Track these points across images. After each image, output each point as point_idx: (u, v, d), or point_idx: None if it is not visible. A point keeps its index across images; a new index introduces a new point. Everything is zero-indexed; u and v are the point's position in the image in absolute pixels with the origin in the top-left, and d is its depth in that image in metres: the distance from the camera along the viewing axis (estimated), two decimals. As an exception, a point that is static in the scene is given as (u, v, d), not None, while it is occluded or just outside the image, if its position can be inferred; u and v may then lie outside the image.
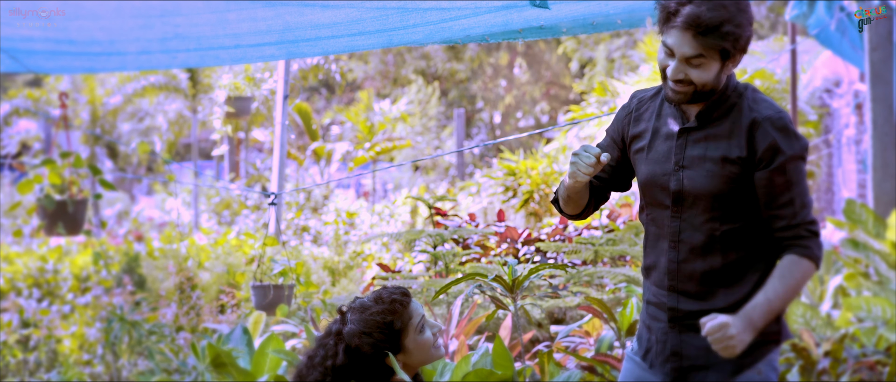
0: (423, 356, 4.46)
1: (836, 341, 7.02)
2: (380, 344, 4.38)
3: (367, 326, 4.40)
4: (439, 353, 4.49)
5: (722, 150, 4.17)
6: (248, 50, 7.28)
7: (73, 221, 9.69)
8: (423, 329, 4.45)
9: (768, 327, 4.19)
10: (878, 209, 9.49)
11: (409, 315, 4.44)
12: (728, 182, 4.16)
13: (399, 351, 4.42)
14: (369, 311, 4.43)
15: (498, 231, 8.99)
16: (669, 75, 4.13)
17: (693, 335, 4.25)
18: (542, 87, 35.97)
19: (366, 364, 4.40)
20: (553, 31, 7.00)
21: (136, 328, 9.48)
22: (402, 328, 4.42)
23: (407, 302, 4.46)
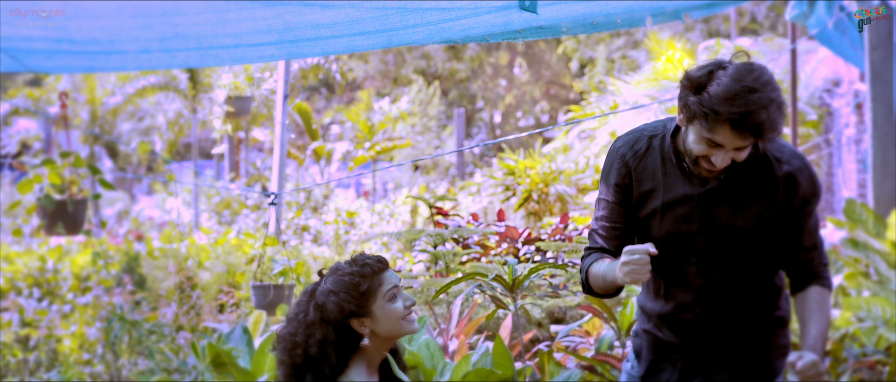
0: (390, 325, 4.44)
1: (837, 340, 7.02)
2: (345, 304, 4.40)
3: (336, 285, 4.44)
4: (411, 327, 4.47)
5: (756, 207, 4.26)
6: (247, 50, 7.28)
7: (73, 221, 9.69)
8: (394, 299, 4.45)
9: (781, 341, 4.46)
10: (879, 209, 9.49)
11: (380, 282, 4.45)
12: (758, 236, 4.29)
13: (365, 315, 4.43)
14: (341, 272, 4.47)
15: (498, 231, 8.99)
16: (717, 164, 4.13)
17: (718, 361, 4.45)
18: (543, 86, 35.97)
19: (332, 323, 4.43)
20: (553, 31, 7.00)
21: (137, 328, 9.47)
22: (370, 293, 4.42)
23: (379, 268, 4.48)
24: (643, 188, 4.39)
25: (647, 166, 4.38)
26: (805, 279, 4.30)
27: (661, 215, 4.34)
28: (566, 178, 16.30)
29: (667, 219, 4.33)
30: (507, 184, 16.39)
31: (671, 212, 4.32)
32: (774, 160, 4.23)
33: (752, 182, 4.23)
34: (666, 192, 4.33)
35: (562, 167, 16.54)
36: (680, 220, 4.31)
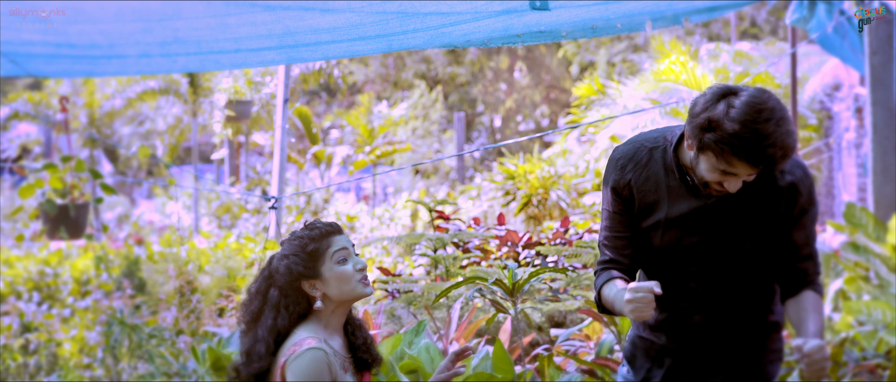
0: (342, 286, 4.47)
1: (837, 344, 7.02)
2: (293, 266, 4.46)
3: (287, 249, 4.52)
4: (363, 290, 4.50)
5: (756, 216, 4.27)
6: (248, 54, 7.29)
7: (75, 225, 9.70)
8: (344, 261, 4.48)
9: (776, 345, 4.48)
10: (879, 213, 9.49)
11: (329, 244, 4.50)
12: (758, 245, 4.30)
13: (315, 277, 4.47)
14: (293, 236, 4.54)
15: (498, 235, 8.99)
16: (731, 190, 4.13)
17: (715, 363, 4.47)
18: (543, 90, 35.96)
19: (285, 287, 4.49)
20: (553, 35, 7.01)
21: (137, 332, 9.47)
22: (318, 254, 4.47)
23: (328, 231, 4.53)
24: (646, 200, 4.38)
25: (650, 178, 4.37)
26: (799, 286, 4.30)
27: (663, 227, 4.34)
28: (566, 182, 16.30)
29: (669, 231, 4.33)
30: (507, 188, 16.39)
31: (674, 224, 4.32)
32: (777, 171, 4.23)
33: (756, 193, 4.23)
34: (670, 205, 4.33)
35: (561, 171, 16.54)
36: (682, 232, 4.31)
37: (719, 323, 4.39)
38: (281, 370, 4.40)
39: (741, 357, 4.42)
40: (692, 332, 4.41)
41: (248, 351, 4.51)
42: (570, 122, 20.24)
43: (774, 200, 4.24)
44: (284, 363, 4.39)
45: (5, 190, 25.42)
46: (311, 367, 4.38)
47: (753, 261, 4.31)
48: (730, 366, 4.42)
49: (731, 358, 4.42)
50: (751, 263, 4.31)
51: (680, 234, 4.32)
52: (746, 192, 4.21)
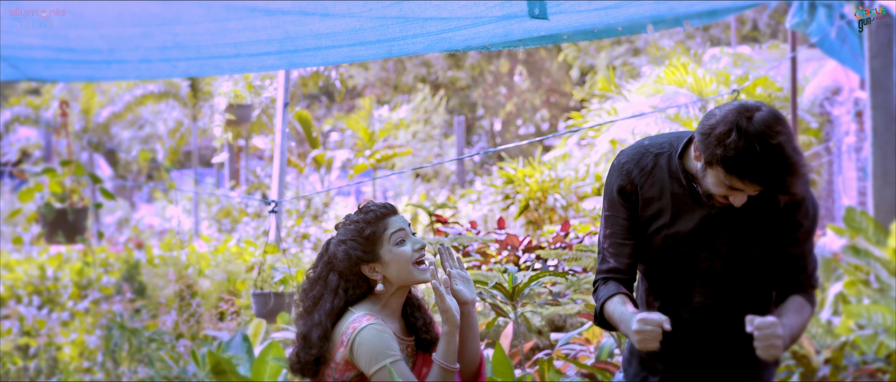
0: (401, 269, 4.48)
1: (837, 348, 7.02)
2: (352, 251, 4.47)
3: (344, 234, 4.53)
4: (422, 274, 4.50)
5: (758, 228, 4.26)
6: (248, 59, 7.28)
7: (72, 229, 9.70)
8: (402, 242, 4.49)
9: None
10: (879, 217, 9.49)
11: (385, 226, 4.51)
12: (760, 257, 4.29)
13: (374, 261, 4.48)
14: (349, 220, 4.56)
15: (498, 239, 8.99)
16: (736, 204, 4.13)
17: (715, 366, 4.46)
18: (543, 94, 35.98)
19: (345, 272, 4.50)
20: (554, 39, 7.01)
21: (136, 336, 9.47)
22: (375, 237, 4.48)
23: (384, 213, 4.54)
24: (650, 207, 4.37)
25: (654, 185, 4.36)
26: (791, 292, 4.30)
27: (666, 235, 4.33)
28: (566, 186, 16.29)
29: (672, 239, 4.32)
30: (507, 193, 16.39)
31: (677, 232, 4.31)
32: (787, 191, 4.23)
33: (759, 204, 4.22)
34: (674, 213, 4.32)
35: (562, 175, 16.53)
36: (685, 241, 4.30)
37: (717, 332, 4.38)
38: (345, 350, 4.40)
39: (735, 363, 4.40)
40: (690, 340, 4.40)
41: (306, 335, 4.51)
42: (571, 126, 20.23)
43: (776, 212, 4.24)
44: (349, 342, 4.39)
45: (5, 194, 25.43)
46: (380, 336, 4.39)
47: (754, 272, 4.30)
48: (724, 374, 4.41)
49: (726, 366, 4.41)
50: (751, 274, 4.29)
51: (683, 243, 4.31)
52: (750, 203, 4.20)
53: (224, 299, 11.17)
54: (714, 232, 4.27)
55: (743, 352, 4.35)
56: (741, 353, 4.36)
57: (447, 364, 4.37)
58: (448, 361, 4.37)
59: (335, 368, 4.44)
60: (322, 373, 4.51)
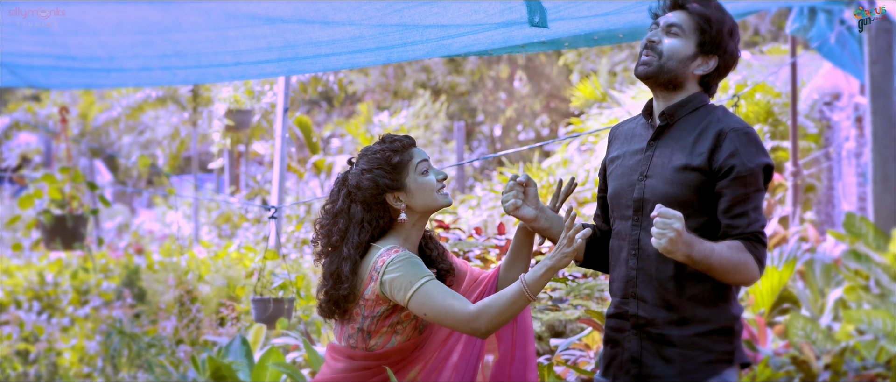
0: (425, 198, 4.53)
1: (837, 354, 7.02)
2: (379, 179, 4.50)
3: (369, 163, 4.55)
4: (445, 199, 4.55)
5: (684, 158, 4.23)
6: (248, 67, 7.29)
7: (72, 235, 9.70)
8: (426, 172, 4.54)
9: (720, 345, 4.27)
10: (879, 222, 9.49)
11: (411, 155, 4.55)
12: (686, 189, 4.22)
13: (400, 189, 4.52)
14: (372, 151, 4.58)
15: (499, 245, 8.99)
16: (646, 38, 4.29)
17: (653, 344, 4.31)
18: (543, 99, 35.97)
19: (368, 202, 4.52)
20: (555, 45, 7.02)
21: (136, 341, 9.47)
22: (402, 165, 4.52)
23: (409, 143, 4.58)
24: (612, 153, 4.51)
25: (624, 134, 4.50)
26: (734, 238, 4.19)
27: (616, 171, 4.44)
28: (566, 191, 16.28)
29: (617, 174, 4.42)
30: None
31: (621, 167, 4.41)
32: (717, 120, 4.25)
33: (690, 135, 4.25)
34: (625, 152, 4.43)
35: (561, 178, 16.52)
36: (627, 173, 4.38)
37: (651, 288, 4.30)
38: (375, 285, 4.42)
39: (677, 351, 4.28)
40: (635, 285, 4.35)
41: (336, 272, 4.52)
42: (571, 132, 20.24)
43: (703, 146, 4.21)
44: (378, 276, 4.41)
45: (5, 199, 25.43)
46: (411, 261, 4.41)
47: (686, 207, 4.19)
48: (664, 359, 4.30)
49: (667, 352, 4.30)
50: (688, 218, 4.14)
51: (622, 180, 4.39)
52: (684, 137, 4.25)
53: (224, 304, 11.17)
54: (645, 165, 4.31)
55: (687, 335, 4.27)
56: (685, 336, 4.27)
57: (529, 292, 4.27)
58: (532, 289, 4.27)
59: (364, 305, 4.47)
60: (350, 313, 4.53)
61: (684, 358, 4.25)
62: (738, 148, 4.16)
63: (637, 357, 4.34)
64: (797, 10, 10.77)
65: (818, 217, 16.85)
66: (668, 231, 3.96)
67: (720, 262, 4.09)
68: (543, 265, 4.24)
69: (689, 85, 4.32)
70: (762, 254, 4.18)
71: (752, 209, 4.17)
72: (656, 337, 4.29)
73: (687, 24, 4.26)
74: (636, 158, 4.37)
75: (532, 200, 4.50)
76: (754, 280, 4.21)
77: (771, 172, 4.24)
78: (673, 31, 4.27)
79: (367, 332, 4.49)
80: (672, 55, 4.26)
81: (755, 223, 4.17)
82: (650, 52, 4.29)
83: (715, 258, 4.08)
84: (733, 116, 4.29)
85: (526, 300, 4.27)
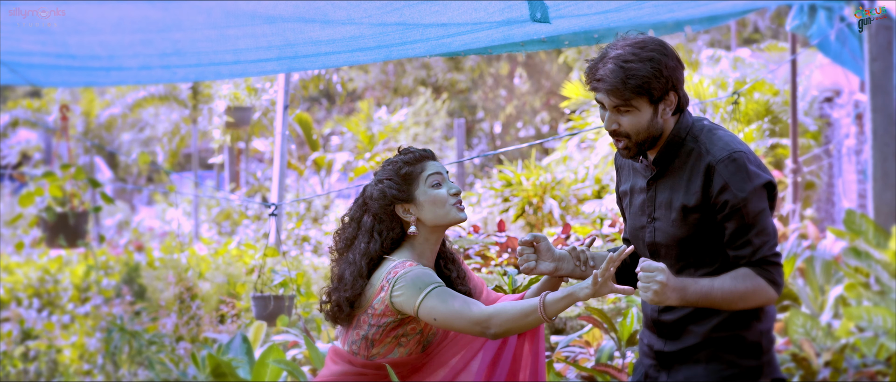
0: (436, 211, 4.52)
1: (837, 351, 7.02)
2: (388, 190, 4.52)
3: (381, 174, 4.58)
4: (457, 215, 4.53)
5: (682, 198, 4.20)
6: (248, 65, 7.30)
7: (73, 233, 9.71)
8: (438, 186, 4.53)
9: (745, 361, 4.23)
10: (879, 220, 9.49)
11: (423, 168, 4.55)
12: (693, 229, 4.20)
13: (409, 201, 4.52)
14: (388, 162, 4.60)
15: (499, 241, 8.99)
16: (605, 127, 4.22)
17: (672, 372, 4.32)
18: (543, 97, 35.96)
19: (379, 212, 4.54)
20: (555, 43, 7.02)
21: (136, 338, 9.48)
22: (412, 177, 4.52)
23: (423, 156, 4.58)
24: (624, 187, 4.49)
25: (627, 165, 4.48)
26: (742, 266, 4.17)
27: (629, 210, 4.43)
28: (565, 188, 16.28)
29: (631, 214, 4.41)
30: (506, 195, 16.38)
31: (632, 206, 4.40)
32: (705, 150, 4.18)
33: (684, 173, 4.21)
34: (632, 188, 4.42)
35: (560, 178, 16.52)
36: (637, 213, 4.37)
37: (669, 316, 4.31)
38: (386, 294, 4.42)
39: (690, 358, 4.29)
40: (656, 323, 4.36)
41: (341, 275, 4.55)
42: (571, 129, 20.23)
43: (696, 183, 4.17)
44: (390, 286, 4.41)
45: (5, 197, 25.43)
46: (422, 271, 4.41)
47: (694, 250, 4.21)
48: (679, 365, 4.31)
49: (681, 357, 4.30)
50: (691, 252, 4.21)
51: (635, 220, 4.39)
52: (678, 172, 4.23)
53: (224, 301, 11.17)
54: (651, 206, 4.30)
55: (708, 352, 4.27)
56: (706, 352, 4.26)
57: (543, 312, 4.24)
58: (548, 310, 4.24)
59: (371, 313, 4.47)
60: (357, 319, 4.54)
61: (708, 372, 4.24)
62: (727, 180, 4.10)
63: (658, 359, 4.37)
64: (797, 8, 10.77)
65: (818, 214, 16.86)
66: (652, 284, 3.99)
67: (722, 296, 4.09)
68: (569, 293, 4.23)
69: (668, 127, 4.24)
70: (775, 275, 4.13)
71: (756, 235, 4.11)
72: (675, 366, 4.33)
73: (627, 96, 4.13)
74: (641, 197, 4.35)
75: (546, 253, 4.45)
76: (771, 301, 4.17)
77: (773, 188, 4.18)
78: (622, 109, 4.16)
79: (371, 340, 4.50)
80: (637, 129, 4.18)
81: (762, 249, 4.12)
82: (619, 138, 4.22)
83: (715, 293, 4.09)
84: (719, 142, 4.19)
85: (538, 319, 4.26)
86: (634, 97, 4.12)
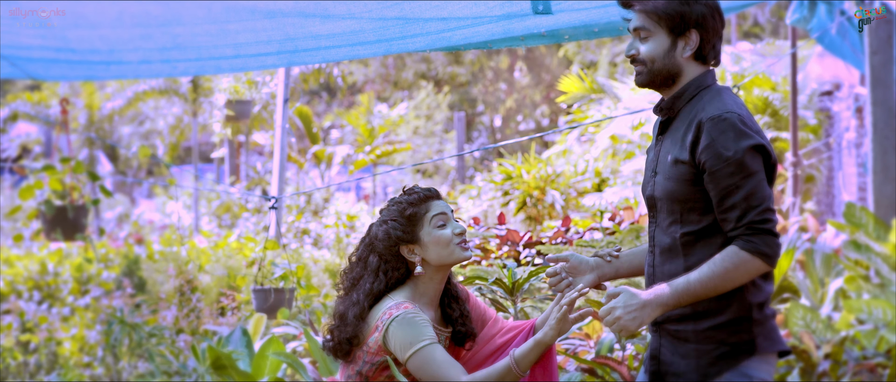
0: (440, 251, 4.52)
1: (837, 343, 7.03)
2: (392, 231, 4.53)
3: (386, 214, 4.60)
4: (462, 254, 4.54)
5: (676, 151, 4.19)
6: (248, 59, 7.30)
7: (72, 226, 9.71)
8: (443, 226, 4.54)
9: (736, 337, 4.16)
10: (879, 212, 9.49)
11: (427, 208, 4.56)
12: (682, 184, 4.16)
13: (414, 242, 4.54)
14: (393, 202, 4.62)
15: (499, 234, 8.99)
16: (625, 53, 4.27)
17: (670, 340, 4.27)
18: (543, 90, 35.96)
19: (384, 253, 4.55)
20: (555, 37, 7.01)
21: (137, 331, 9.48)
22: (416, 218, 4.54)
23: (427, 196, 4.60)
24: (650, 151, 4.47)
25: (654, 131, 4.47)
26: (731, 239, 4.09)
27: (645, 168, 4.43)
28: (565, 181, 16.28)
29: (645, 170, 4.41)
30: (506, 189, 16.38)
31: (646, 162, 4.40)
32: (701, 107, 4.17)
33: (681, 126, 4.21)
34: (652, 144, 4.43)
35: (560, 171, 16.51)
36: (645, 170, 4.39)
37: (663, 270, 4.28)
38: (379, 335, 4.44)
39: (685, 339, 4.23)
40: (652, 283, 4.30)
41: (343, 314, 4.56)
42: (571, 122, 20.23)
43: (687, 138, 4.15)
44: (383, 327, 4.43)
45: (5, 190, 25.43)
46: (415, 321, 4.42)
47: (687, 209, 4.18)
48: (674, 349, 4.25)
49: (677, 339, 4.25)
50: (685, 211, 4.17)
51: (643, 177, 4.40)
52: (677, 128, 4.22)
53: (224, 294, 11.18)
54: (655, 161, 4.30)
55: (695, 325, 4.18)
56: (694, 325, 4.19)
57: (517, 368, 4.35)
58: (520, 365, 4.36)
59: (366, 351, 4.49)
60: (354, 355, 4.54)
61: (699, 353, 4.18)
62: (714, 139, 4.06)
63: (656, 355, 4.31)
64: (797, 1, 10.77)
65: (818, 207, 16.87)
66: (615, 322, 4.03)
67: (702, 284, 4.06)
68: (535, 342, 4.34)
69: (687, 71, 4.23)
70: (762, 244, 4.02)
71: (743, 199, 4.03)
72: (673, 333, 4.24)
73: (648, 21, 4.19)
74: (651, 154, 4.35)
75: (581, 268, 4.49)
76: (762, 272, 4.08)
77: (764, 151, 4.10)
78: (642, 35, 4.22)
79: (365, 376, 4.52)
80: (654, 57, 4.20)
81: (748, 213, 4.03)
82: (636, 63, 4.26)
83: (694, 286, 4.06)
84: (718, 101, 4.17)
85: (514, 375, 4.35)
86: (656, 21, 4.18)
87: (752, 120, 4.16)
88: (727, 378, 4.16)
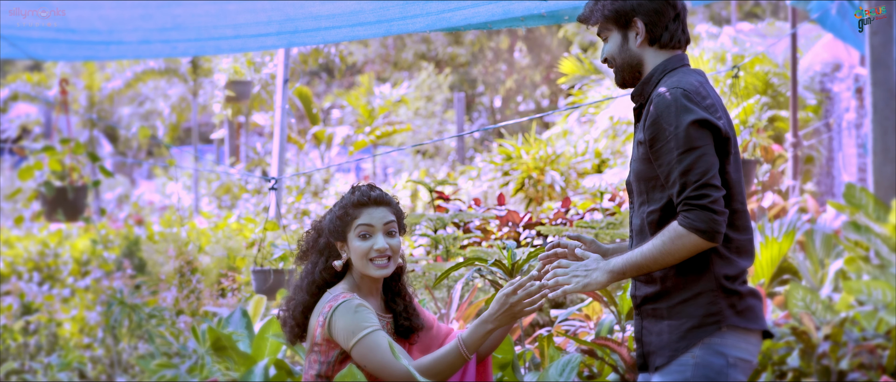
0: (356, 260, 4.52)
1: (837, 324, 7.03)
2: (328, 224, 4.56)
3: (335, 204, 4.61)
4: (373, 271, 4.49)
5: (639, 133, 4.28)
6: (247, 40, 7.31)
7: (72, 207, 9.71)
8: (365, 238, 4.49)
9: (703, 309, 4.18)
10: (879, 193, 9.49)
11: (358, 214, 4.52)
12: (643, 163, 4.23)
13: (342, 241, 4.54)
14: (346, 193, 4.61)
15: (499, 215, 9.00)
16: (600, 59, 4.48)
17: (649, 320, 4.32)
18: (543, 71, 35.94)
19: (325, 240, 4.58)
20: (555, 18, 7.01)
21: (137, 312, 9.48)
22: (346, 221, 4.53)
23: (365, 202, 4.55)
24: None
25: None
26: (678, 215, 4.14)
27: None
28: (565, 161, 16.29)
29: None
30: (506, 169, 16.39)
31: None
32: (656, 88, 4.25)
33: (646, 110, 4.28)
34: None
35: (560, 152, 16.52)
36: None
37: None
38: (323, 330, 4.43)
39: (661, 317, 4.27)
40: None
41: (292, 294, 4.63)
42: (571, 103, 20.22)
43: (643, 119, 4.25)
44: (325, 320, 4.42)
45: (5, 170, 25.43)
46: (356, 310, 4.40)
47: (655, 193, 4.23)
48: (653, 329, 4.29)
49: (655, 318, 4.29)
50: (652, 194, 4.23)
51: None
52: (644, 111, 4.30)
53: (224, 275, 11.19)
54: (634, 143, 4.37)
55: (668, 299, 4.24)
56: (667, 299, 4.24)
57: (464, 348, 4.35)
58: (467, 345, 4.35)
59: (318, 350, 4.47)
60: (307, 358, 4.54)
61: (671, 328, 4.22)
62: (659, 114, 4.12)
63: (639, 337, 4.36)
64: (797, -19, 10.76)
65: (818, 188, 16.87)
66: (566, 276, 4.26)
67: (644, 258, 4.14)
68: (482, 324, 4.35)
69: (648, 58, 4.33)
70: (697, 220, 4.03)
71: (681, 174, 4.05)
72: (651, 313, 4.29)
73: (602, 26, 4.40)
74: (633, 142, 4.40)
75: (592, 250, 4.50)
76: (701, 248, 4.08)
77: (710, 125, 4.10)
78: (604, 38, 4.41)
79: (325, 377, 4.49)
80: (614, 54, 4.37)
81: (687, 188, 4.05)
82: (609, 66, 4.43)
83: (637, 257, 4.15)
84: (673, 79, 4.21)
85: (462, 358, 4.36)
86: (604, 23, 4.38)
87: (702, 95, 4.17)
88: (698, 352, 4.18)
